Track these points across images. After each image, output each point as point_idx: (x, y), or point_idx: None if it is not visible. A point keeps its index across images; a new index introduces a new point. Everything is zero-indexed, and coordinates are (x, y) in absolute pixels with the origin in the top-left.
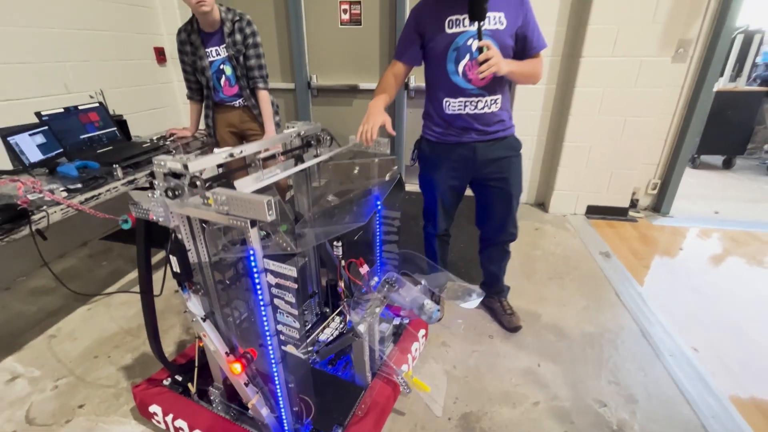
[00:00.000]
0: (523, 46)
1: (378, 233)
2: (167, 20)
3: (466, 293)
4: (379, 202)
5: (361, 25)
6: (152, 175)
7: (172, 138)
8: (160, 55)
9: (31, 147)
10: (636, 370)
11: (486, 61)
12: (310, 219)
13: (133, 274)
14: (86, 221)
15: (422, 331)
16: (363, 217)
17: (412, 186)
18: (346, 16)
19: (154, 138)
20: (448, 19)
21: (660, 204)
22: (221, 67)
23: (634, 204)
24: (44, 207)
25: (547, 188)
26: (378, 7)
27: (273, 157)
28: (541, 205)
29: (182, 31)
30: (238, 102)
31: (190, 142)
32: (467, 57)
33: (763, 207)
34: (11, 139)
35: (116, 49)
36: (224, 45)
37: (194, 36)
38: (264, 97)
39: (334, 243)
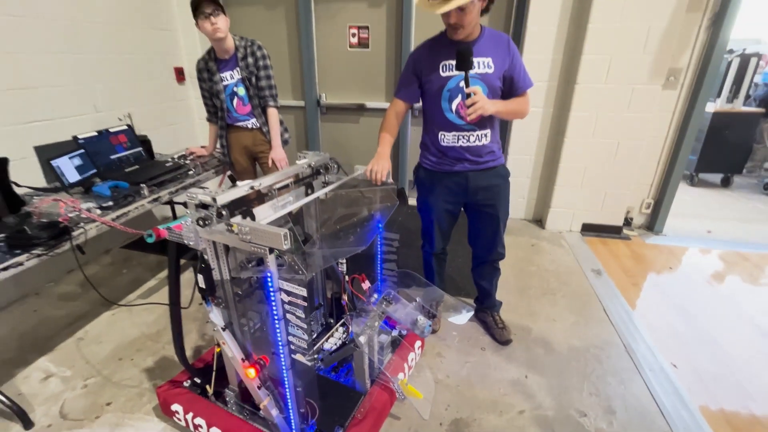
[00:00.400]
0: (510, 86)
1: (379, 252)
2: (187, 42)
3: (458, 309)
4: (380, 225)
5: (368, 48)
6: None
7: (191, 157)
8: (179, 74)
9: (69, 168)
10: (617, 383)
11: (474, 104)
12: (318, 241)
13: (152, 282)
14: (110, 231)
15: (418, 343)
16: (365, 241)
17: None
18: (354, 40)
19: (175, 157)
20: (442, 63)
21: (653, 223)
22: (235, 89)
23: (628, 222)
24: (82, 224)
25: (544, 206)
26: (384, 32)
27: (287, 185)
28: (539, 221)
29: (201, 61)
30: (250, 123)
31: (207, 161)
32: (459, 97)
33: (756, 227)
34: (54, 162)
35: (140, 70)
36: (238, 68)
37: (211, 63)
38: (273, 114)
39: (339, 260)
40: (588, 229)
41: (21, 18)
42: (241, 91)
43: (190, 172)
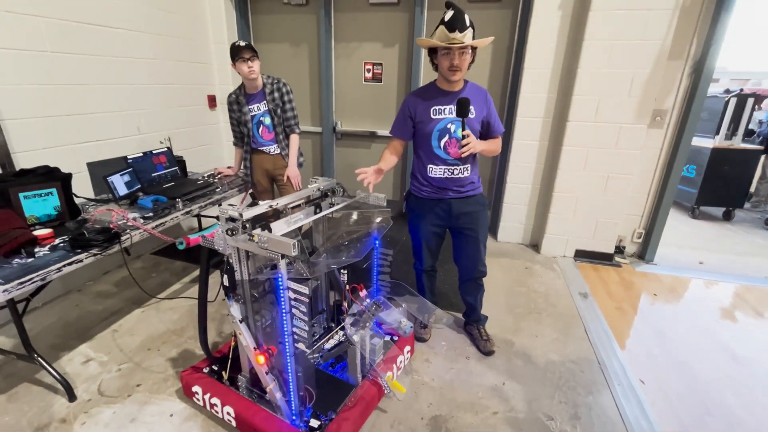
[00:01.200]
0: (487, 130)
1: (376, 265)
2: (220, 73)
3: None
4: (377, 241)
5: (381, 82)
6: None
7: (218, 176)
8: (212, 101)
9: (120, 184)
10: (586, 393)
11: (467, 144)
12: (323, 252)
13: (177, 285)
14: (143, 238)
15: (407, 348)
16: (361, 253)
17: None
18: (369, 75)
19: (205, 175)
20: (433, 108)
21: (644, 252)
22: (261, 118)
23: (621, 250)
24: (128, 231)
25: (539, 231)
26: (396, 69)
27: (299, 205)
28: (535, 246)
29: (231, 95)
30: (272, 148)
31: (232, 180)
32: (447, 136)
33: (750, 260)
34: (109, 178)
35: (178, 98)
36: (265, 101)
37: (241, 97)
38: (294, 139)
39: (341, 270)
40: (581, 255)
41: (85, 56)
42: (267, 120)
43: (218, 190)
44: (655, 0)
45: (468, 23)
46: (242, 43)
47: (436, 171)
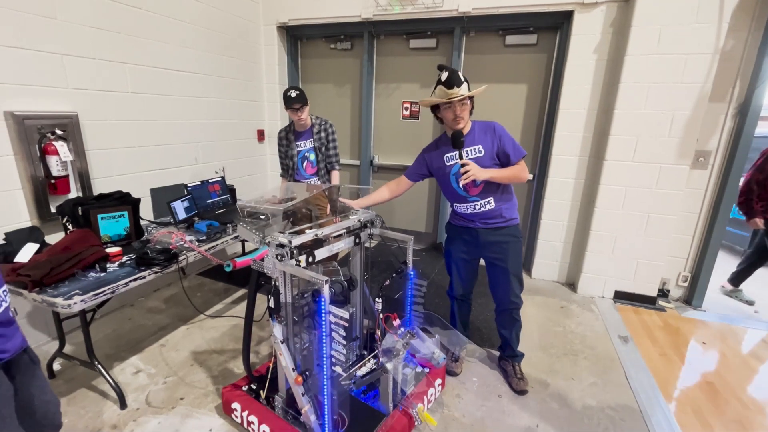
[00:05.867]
0: (506, 159)
1: (409, 296)
2: (269, 110)
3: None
4: (411, 272)
5: (418, 119)
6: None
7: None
8: (260, 135)
9: (180, 209)
10: None
11: (466, 172)
12: (359, 280)
13: (220, 305)
14: (196, 259)
15: (438, 380)
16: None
17: None
18: (407, 112)
19: (253, 203)
20: (445, 155)
21: (691, 296)
22: (306, 154)
23: (665, 294)
24: (185, 252)
25: (576, 270)
26: None
27: (340, 234)
28: (571, 285)
29: (282, 131)
30: (313, 181)
31: None
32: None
33: None
34: (172, 204)
35: (232, 132)
36: (311, 139)
37: (291, 134)
38: (335, 175)
39: (376, 299)
40: (621, 296)
41: (157, 96)
42: (311, 156)
43: (262, 217)
44: (693, 45)
45: (462, 78)
46: (293, 94)
47: (461, 207)
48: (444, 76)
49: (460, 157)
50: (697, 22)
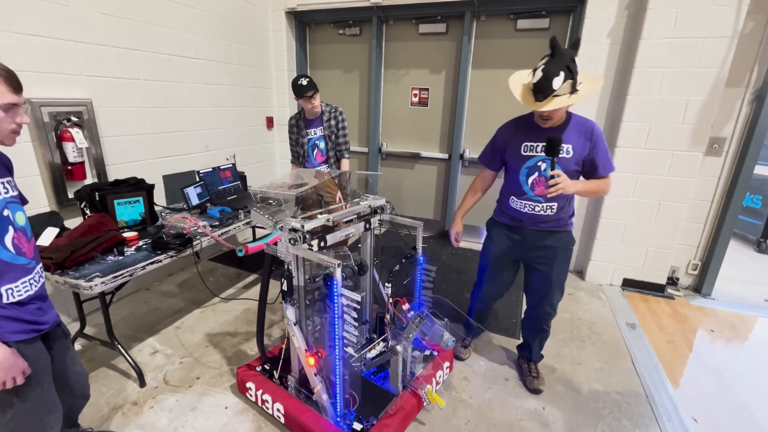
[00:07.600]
0: (590, 169)
1: (419, 280)
2: (278, 97)
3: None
4: (421, 258)
5: (427, 106)
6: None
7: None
8: (269, 122)
9: (193, 195)
10: (632, 426)
11: (556, 184)
12: (369, 265)
13: (232, 289)
14: (209, 244)
15: (447, 363)
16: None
17: (466, 243)
18: (416, 99)
19: (266, 189)
20: (524, 144)
21: (701, 285)
22: (317, 142)
23: (674, 282)
24: (198, 237)
25: (584, 258)
26: (442, 94)
27: (351, 220)
28: (579, 272)
29: (292, 118)
30: (323, 168)
31: None
32: (536, 174)
33: None
34: (185, 190)
35: (242, 119)
36: (321, 127)
37: (301, 122)
38: (345, 163)
39: (385, 284)
40: (629, 284)
41: (168, 83)
42: (321, 144)
43: (273, 202)
44: (710, 28)
45: (556, 84)
46: (304, 82)
47: (517, 203)
48: (537, 76)
49: (553, 167)
50: (715, 5)
